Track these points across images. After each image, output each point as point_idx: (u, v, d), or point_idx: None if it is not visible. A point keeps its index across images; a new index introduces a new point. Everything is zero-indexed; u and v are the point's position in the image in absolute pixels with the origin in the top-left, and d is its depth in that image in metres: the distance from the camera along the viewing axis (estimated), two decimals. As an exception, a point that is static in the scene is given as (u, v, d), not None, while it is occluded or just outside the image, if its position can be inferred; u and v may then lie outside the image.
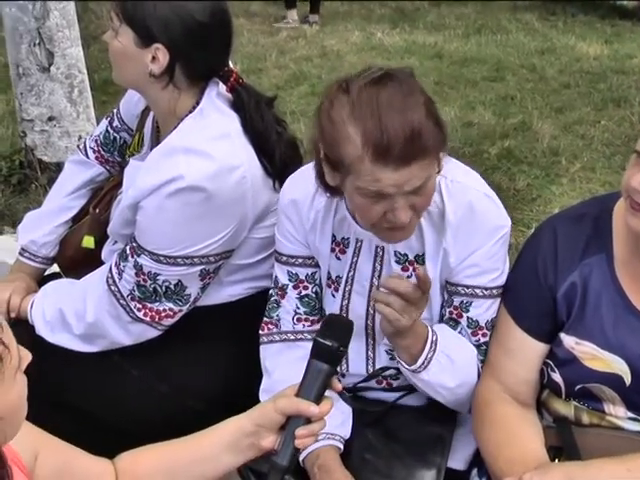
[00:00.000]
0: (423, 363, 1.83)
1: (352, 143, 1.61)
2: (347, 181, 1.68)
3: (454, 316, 1.90)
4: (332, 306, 1.98)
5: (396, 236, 1.79)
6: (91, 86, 4.90)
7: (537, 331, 1.80)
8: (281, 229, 2.00)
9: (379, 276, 1.93)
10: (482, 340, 1.90)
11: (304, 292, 2.00)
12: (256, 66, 7.48)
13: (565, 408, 1.81)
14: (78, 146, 2.55)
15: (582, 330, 1.75)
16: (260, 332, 2.04)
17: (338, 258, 1.96)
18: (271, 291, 2.04)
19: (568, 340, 1.77)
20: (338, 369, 1.95)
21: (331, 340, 1.48)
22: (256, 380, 2.02)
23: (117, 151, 2.44)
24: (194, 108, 2.05)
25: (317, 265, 1.99)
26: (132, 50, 1.99)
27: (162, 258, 2.00)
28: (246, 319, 2.12)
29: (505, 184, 4.84)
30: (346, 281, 1.96)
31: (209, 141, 1.97)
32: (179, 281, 2.03)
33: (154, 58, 1.98)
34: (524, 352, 1.82)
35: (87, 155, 2.47)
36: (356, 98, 1.63)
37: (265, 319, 2.03)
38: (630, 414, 1.74)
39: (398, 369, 1.93)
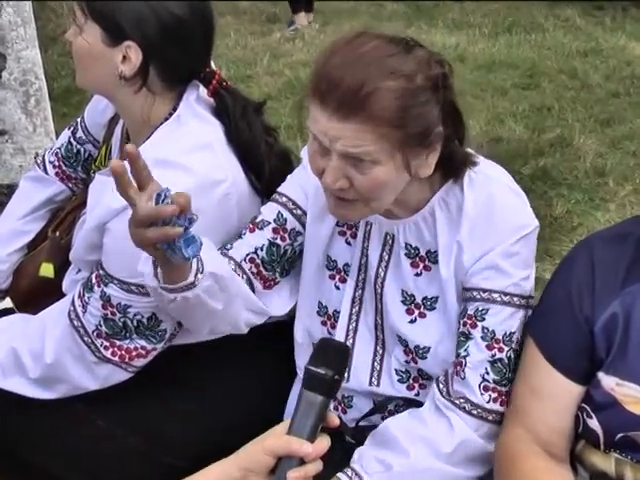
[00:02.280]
0: None
1: (312, 72, 1.82)
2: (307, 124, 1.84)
3: (467, 328, 1.96)
4: (337, 299, 2.08)
5: (338, 210, 1.91)
6: (50, 95, 4.95)
7: (571, 370, 1.84)
8: (296, 173, 2.13)
9: (386, 267, 2.03)
10: (498, 355, 1.95)
11: (279, 242, 2.10)
12: (245, 73, 7.55)
13: (604, 462, 1.83)
14: (36, 160, 2.60)
15: (624, 369, 1.78)
16: None
17: (349, 243, 2.07)
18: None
19: (608, 381, 1.80)
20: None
21: (325, 368, 1.51)
22: (251, 434, 2.05)
23: (81, 166, 2.50)
24: (170, 115, 2.11)
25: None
26: (99, 49, 2.05)
27: (133, 287, 2.04)
28: (234, 358, 2.17)
29: (541, 210, 4.86)
30: (359, 269, 2.06)
31: (187, 152, 2.03)
32: (153, 314, 2.08)
33: (125, 58, 2.04)
34: (556, 395, 1.86)
35: (46, 171, 2.53)
36: (342, 40, 1.81)
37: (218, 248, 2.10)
38: (682, 469, 1.77)
39: (407, 399, 2.00)
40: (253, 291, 2.10)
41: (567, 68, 7.39)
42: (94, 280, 2.10)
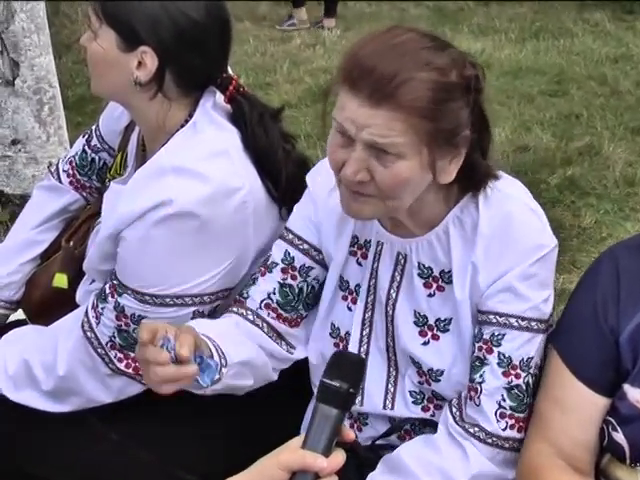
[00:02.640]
0: None
1: (342, 60, 1.83)
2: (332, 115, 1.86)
3: (483, 353, 1.96)
4: (349, 321, 2.08)
5: (351, 206, 1.91)
6: (64, 104, 4.99)
7: (596, 382, 1.85)
8: (301, 205, 2.14)
9: (397, 287, 2.03)
10: (514, 382, 1.94)
11: (289, 281, 2.11)
12: (264, 80, 7.58)
13: (630, 476, 1.84)
14: (49, 169, 2.63)
15: (651, 381, 1.80)
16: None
17: (359, 264, 2.08)
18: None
19: (634, 393, 1.81)
20: (356, 405, 2.05)
21: (340, 381, 1.53)
22: (266, 449, 2.07)
23: (96, 175, 2.53)
24: (186, 122, 2.13)
25: (319, 263, 2.11)
26: (114, 54, 2.08)
27: (148, 298, 2.07)
28: None
29: (568, 221, 4.90)
30: (368, 290, 2.07)
31: (203, 160, 2.05)
32: None
33: (140, 63, 2.07)
34: (581, 408, 1.87)
35: (60, 180, 2.56)
36: (375, 32, 1.86)
37: (237, 296, 2.14)
38: None
39: (423, 420, 2.02)
40: (279, 335, 2.11)
41: (596, 74, 7.40)
42: (108, 290, 2.12)
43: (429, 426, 2.05)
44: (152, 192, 2.03)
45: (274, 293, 2.10)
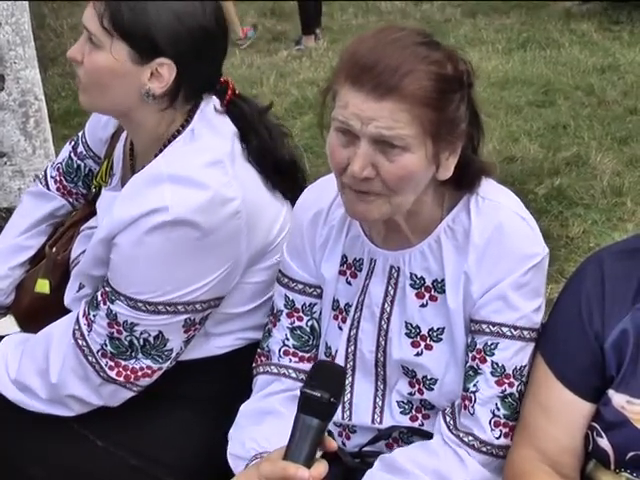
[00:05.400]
0: None
1: (340, 61, 1.89)
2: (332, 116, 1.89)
3: (476, 362, 1.97)
4: (338, 340, 2.09)
5: (357, 206, 1.91)
6: (50, 116, 4.99)
7: (581, 388, 1.87)
8: (290, 244, 2.15)
9: (392, 301, 2.04)
10: (508, 391, 1.96)
11: (297, 323, 2.13)
12: (250, 92, 7.56)
13: (616, 482, 1.86)
14: (37, 176, 2.66)
15: (635, 387, 1.81)
16: (253, 364, 2.17)
17: (349, 283, 2.09)
18: (267, 317, 2.18)
19: (618, 399, 1.82)
20: (344, 419, 2.07)
21: (320, 391, 1.54)
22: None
23: (82, 181, 2.56)
24: (182, 127, 2.16)
25: (319, 296, 2.13)
26: (126, 67, 2.08)
27: (141, 305, 2.09)
28: (235, 377, 2.21)
29: (556, 231, 4.93)
30: (356, 307, 2.08)
31: (200, 169, 2.08)
32: (159, 333, 2.12)
33: (152, 75, 2.08)
34: (566, 413, 1.88)
35: (47, 186, 2.59)
36: (370, 30, 1.91)
37: (258, 350, 2.17)
38: (695, 488, 1.80)
39: (411, 428, 2.03)
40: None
41: (583, 85, 7.44)
42: (100, 298, 2.14)
43: (417, 434, 2.07)
44: (148, 199, 2.05)
45: (288, 339, 2.13)
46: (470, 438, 1.95)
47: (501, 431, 1.95)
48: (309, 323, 2.14)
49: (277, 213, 2.25)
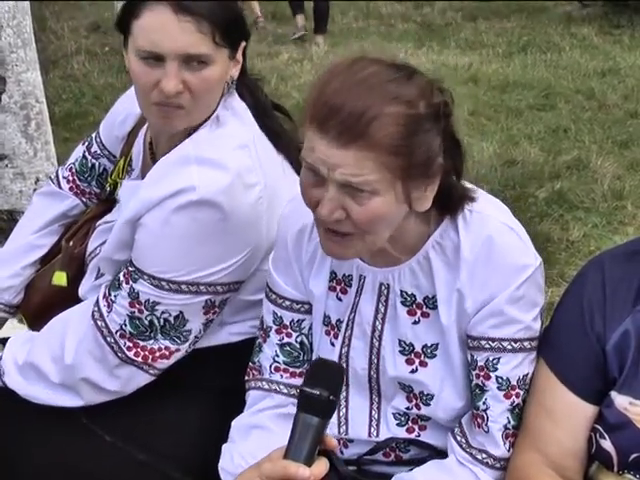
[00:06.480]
0: None
1: (308, 98, 1.82)
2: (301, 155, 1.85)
3: (481, 380, 1.96)
4: (331, 355, 2.07)
5: (332, 248, 1.89)
6: (51, 119, 5.01)
7: (584, 390, 1.87)
8: (276, 260, 2.14)
9: (383, 319, 2.03)
10: (516, 402, 1.96)
11: (286, 339, 2.12)
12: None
13: (618, 484, 1.86)
14: (49, 176, 2.69)
15: (638, 388, 1.82)
16: (245, 378, 2.17)
17: (339, 299, 2.08)
18: (257, 332, 2.18)
19: (621, 400, 1.83)
20: (341, 434, 2.07)
21: (320, 389, 1.55)
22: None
23: (95, 180, 2.60)
24: (208, 117, 2.20)
25: (307, 312, 2.12)
26: (227, 66, 2.17)
27: (164, 283, 2.13)
28: (245, 370, 2.19)
29: (556, 234, 4.92)
30: (347, 325, 2.06)
31: (226, 152, 2.14)
32: (180, 313, 2.15)
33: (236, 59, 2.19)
34: (570, 416, 1.89)
35: (59, 185, 2.62)
36: (340, 65, 1.82)
37: (250, 363, 2.17)
38: (698, 490, 1.80)
39: (409, 439, 2.03)
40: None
41: (584, 88, 7.45)
42: (122, 278, 2.17)
43: (413, 444, 2.07)
44: (175, 180, 2.09)
45: (277, 355, 2.12)
46: (484, 455, 1.95)
47: (510, 442, 1.95)
48: (298, 339, 2.13)
49: None
